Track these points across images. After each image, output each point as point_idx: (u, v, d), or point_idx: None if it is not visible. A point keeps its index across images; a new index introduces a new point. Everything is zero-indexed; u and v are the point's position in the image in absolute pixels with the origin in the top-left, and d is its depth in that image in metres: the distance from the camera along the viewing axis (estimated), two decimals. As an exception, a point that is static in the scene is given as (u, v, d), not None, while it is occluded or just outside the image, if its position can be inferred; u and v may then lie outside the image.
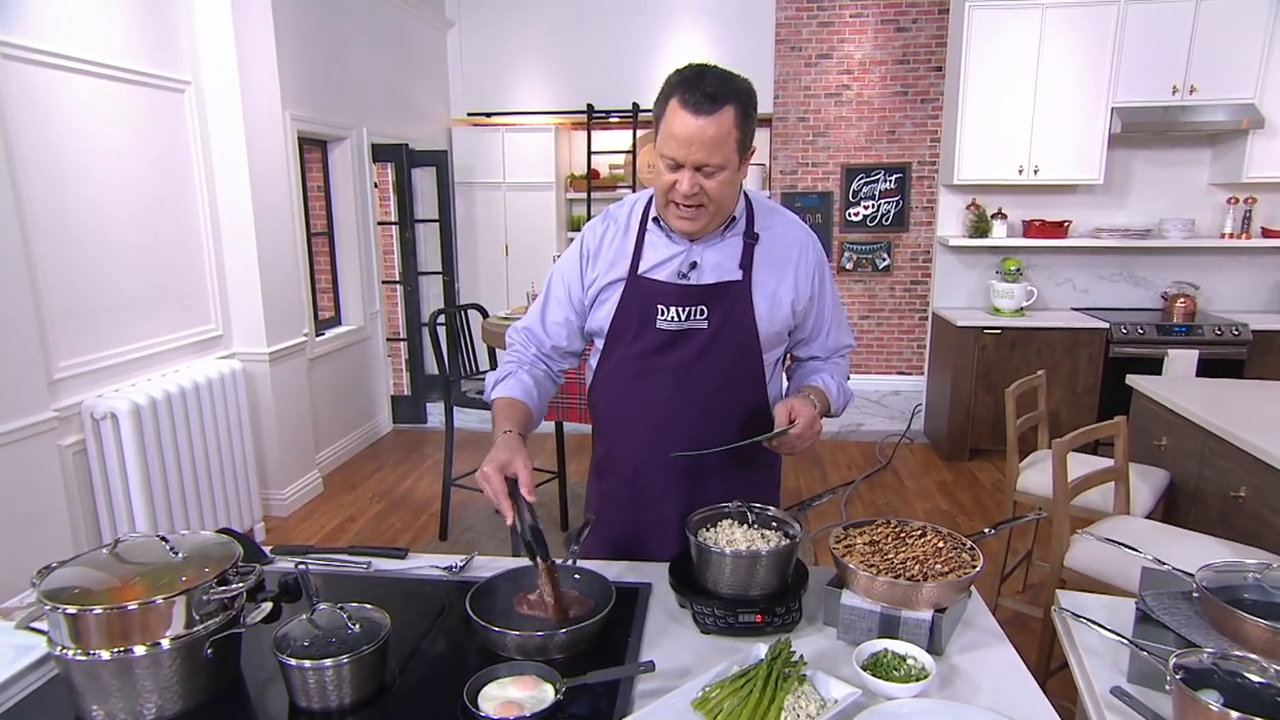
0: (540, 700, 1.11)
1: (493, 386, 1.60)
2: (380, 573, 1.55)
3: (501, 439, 1.43)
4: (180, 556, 1.15)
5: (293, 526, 3.95)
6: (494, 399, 1.57)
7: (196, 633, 1.10)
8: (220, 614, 1.14)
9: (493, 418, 1.54)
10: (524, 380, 1.59)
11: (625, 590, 1.40)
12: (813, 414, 1.46)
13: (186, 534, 1.25)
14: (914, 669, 1.17)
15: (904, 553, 1.33)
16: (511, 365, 1.62)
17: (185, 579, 1.13)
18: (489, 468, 1.35)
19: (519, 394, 1.57)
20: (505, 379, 1.59)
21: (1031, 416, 3.05)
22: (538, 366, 1.64)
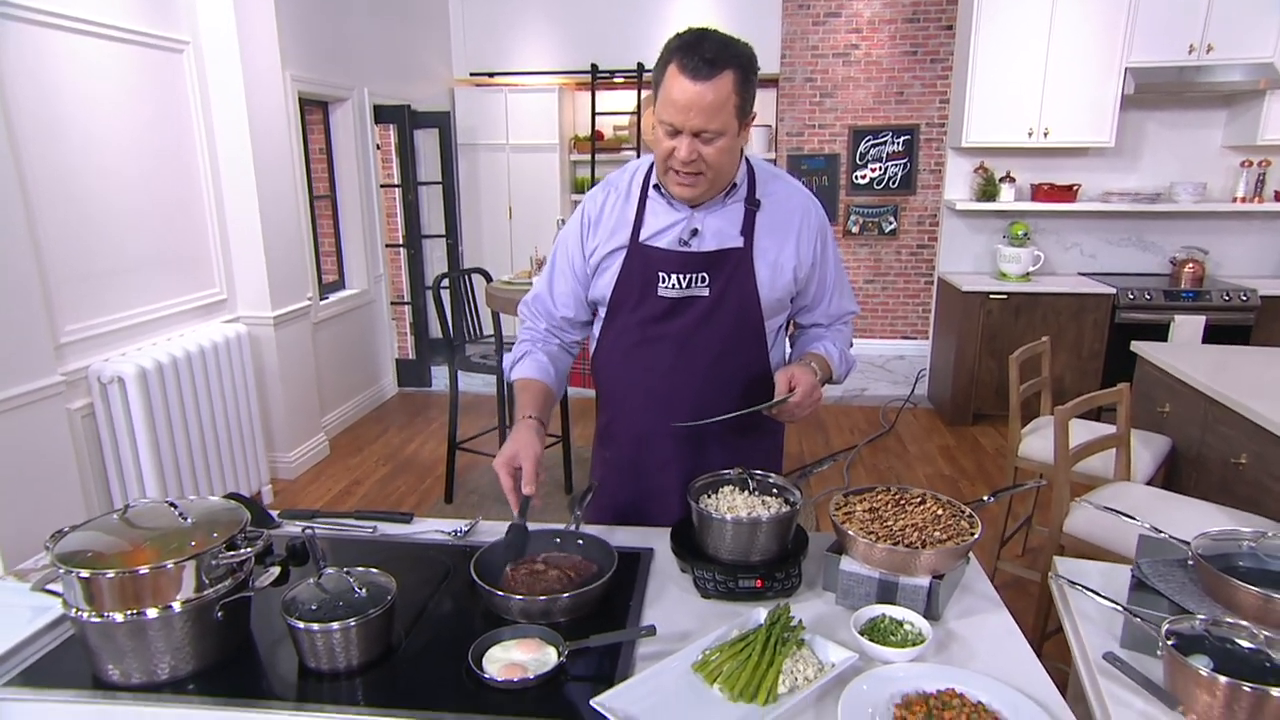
0: (543, 662, 1.14)
1: (511, 367, 1.63)
2: (386, 537, 1.57)
3: (520, 426, 1.47)
4: (189, 522, 1.17)
5: (300, 489, 3.99)
6: (513, 380, 1.61)
7: (206, 596, 1.12)
8: (229, 578, 1.16)
9: (514, 397, 1.58)
10: (539, 359, 1.61)
11: (627, 555, 1.42)
12: (812, 382, 1.47)
13: (195, 499, 1.27)
14: (910, 634, 1.19)
15: (903, 520, 1.34)
16: (527, 344, 1.64)
17: (195, 544, 1.15)
18: (499, 462, 1.39)
19: (536, 374, 1.59)
20: (522, 359, 1.61)
21: (1035, 383, 3.05)
22: (551, 342, 1.66)
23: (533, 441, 1.43)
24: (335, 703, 1.08)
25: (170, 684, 1.11)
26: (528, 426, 1.47)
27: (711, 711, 1.05)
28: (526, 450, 1.40)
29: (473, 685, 1.11)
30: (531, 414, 1.50)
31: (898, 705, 1.05)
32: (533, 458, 1.40)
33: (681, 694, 1.08)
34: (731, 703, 1.06)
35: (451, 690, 1.10)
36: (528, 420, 1.49)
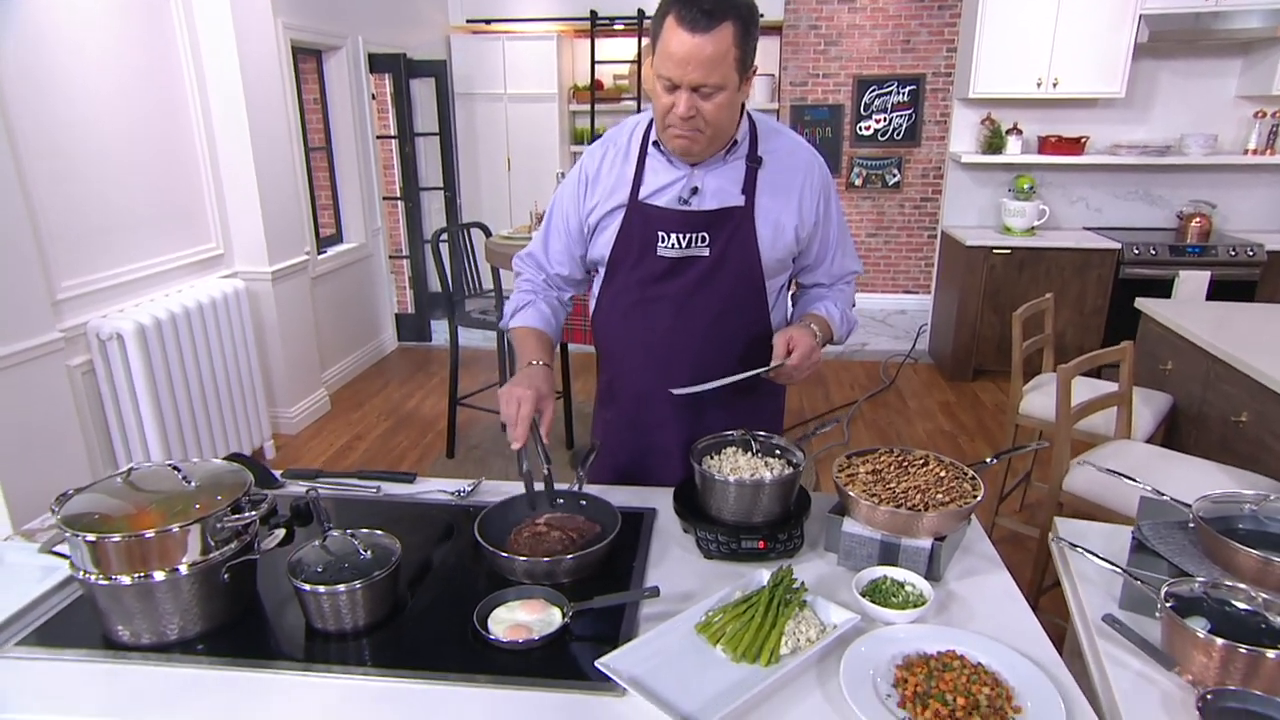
0: (548, 623, 1.15)
1: (511, 315, 1.62)
2: (389, 497, 1.58)
3: (534, 370, 1.45)
4: (193, 485, 1.17)
5: (301, 444, 4.01)
6: (514, 328, 1.59)
7: (212, 559, 1.13)
8: (235, 540, 1.17)
9: (514, 345, 1.57)
10: (542, 309, 1.60)
11: (630, 515, 1.43)
12: (811, 344, 1.45)
13: (198, 462, 1.27)
14: (912, 595, 1.20)
15: (906, 482, 1.34)
16: (528, 294, 1.63)
17: (199, 506, 1.15)
18: (522, 390, 1.37)
19: (539, 323, 1.58)
20: (524, 308, 1.60)
21: (1037, 340, 3.04)
22: (550, 294, 1.65)
23: (550, 386, 1.43)
24: (342, 663, 1.09)
25: (179, 644, 1.12)
26: (545, 372, 1.46)
27: (714, 672, 1.06)
28: (551, 397, 1.40)
29: (478, 646, 1.12)
30: (544, 360, 1.49)
31: (898, 666, 1.06)
32: (551, 405, 1.41)
33: (685, 655, 1.09)
34: (734, 663, 1.08)
35: (457, 651, 1.11)
36: (540, 366, 1.47)
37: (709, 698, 1.01)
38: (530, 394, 1.37)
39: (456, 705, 1.02)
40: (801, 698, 1.03)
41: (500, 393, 1.40)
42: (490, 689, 1.04)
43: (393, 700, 1.03)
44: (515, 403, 1.37)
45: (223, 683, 1.06)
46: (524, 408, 1.36)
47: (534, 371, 1.45)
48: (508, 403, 1.37)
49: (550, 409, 1.41)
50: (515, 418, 1.36)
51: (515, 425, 1.36)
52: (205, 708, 1.02)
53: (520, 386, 1.38)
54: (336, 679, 1.06)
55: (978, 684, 1.00)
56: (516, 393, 1.37)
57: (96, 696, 1.04)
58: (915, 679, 1.01)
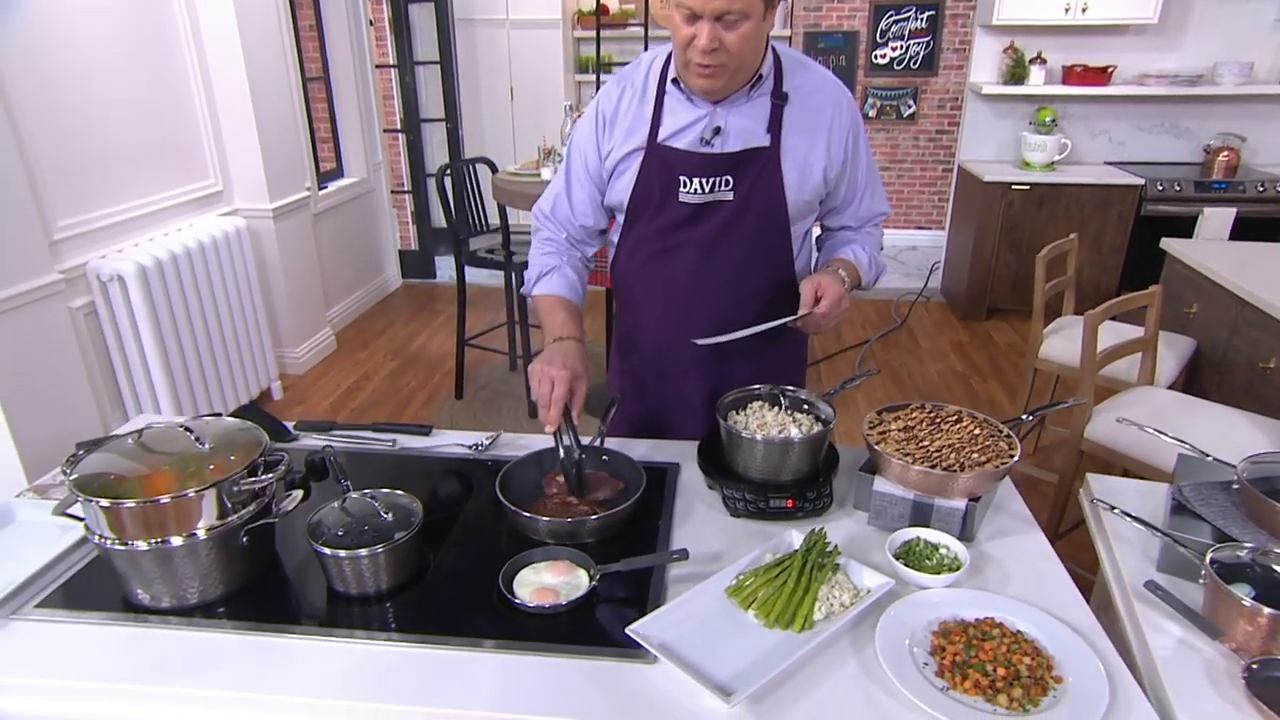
0: (575, 586, 1.13)
1: (535, 280, 1.53)
2: (405, 451, 1.54)
3: (566, 346, 1.38)
4: (207, 446, 1.13)
5: (309, 385, 3.99)
6: (539, 296, 1.51)
7: (230, 522, 1.10)
8: (252, 502, 1.13)
9: (540, 314, 1.49)
10: (569, 276, 1.52)
11: (653, 470, 1.40)
12: (840, 291, 1.39)
13: (209, 420, 1.23)
14: (946, 558, 1.17)
15: (939, 440, 1.30)
16: (552, 257, 1.53)
17: (214, 468, 1.12)
18: (556, 370, 1.30)
19: (566, 291, 1.50)
20: (549, 274, 1.51)
21: (1059, 282, 2.97)
22: (574, 255, 1.56)
23: (585, 364, 1.36)
24: (366, 628, 1.07)
25: (200, 608, 1.10)
26: (575, 348, 1.38)
27: (746, 639, 1.04)
28: (588, 379, 1.34)
29: (504, 610, 1.10)
30: (575, 334, 1.42)
31: (935, 633, 1.04)
32: (586, 386, 1.34)
33: (716, 620, 1.07)
34: (767, 629, 1.05)
35: (483, 615, 1.09)
36: (572, 342, 1.40)
37: (741, 666, 0.99)
38: (564, 374, 1.30)
39: (483, 671, 1.00)
40: (836, 666, 1.01)
41: (532, 370, 1.33)
42: (518, 655, 1.02)
43: (418, 666, 1.01)
44: (549, 382, 1.30)
45: (246, 648, 1.04)
46: (558, 389, 1.29)
47: (567, 348, 1.37)
48: (540, 381, 1.31)
49: (584, 390, 1.35)
50: (549, 399, 1.30)
51: (549, 407, 1.30)
52: (230, 674, 1.00)
53: (554, 365, 1.31)
54: (361, 644, 1.04)
55: (1018, 653, 0.98)
56: (550, 372, 1.30)
57: (121, 662, 1.02)
58: (954, 648, 0.99)
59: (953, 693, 0.95)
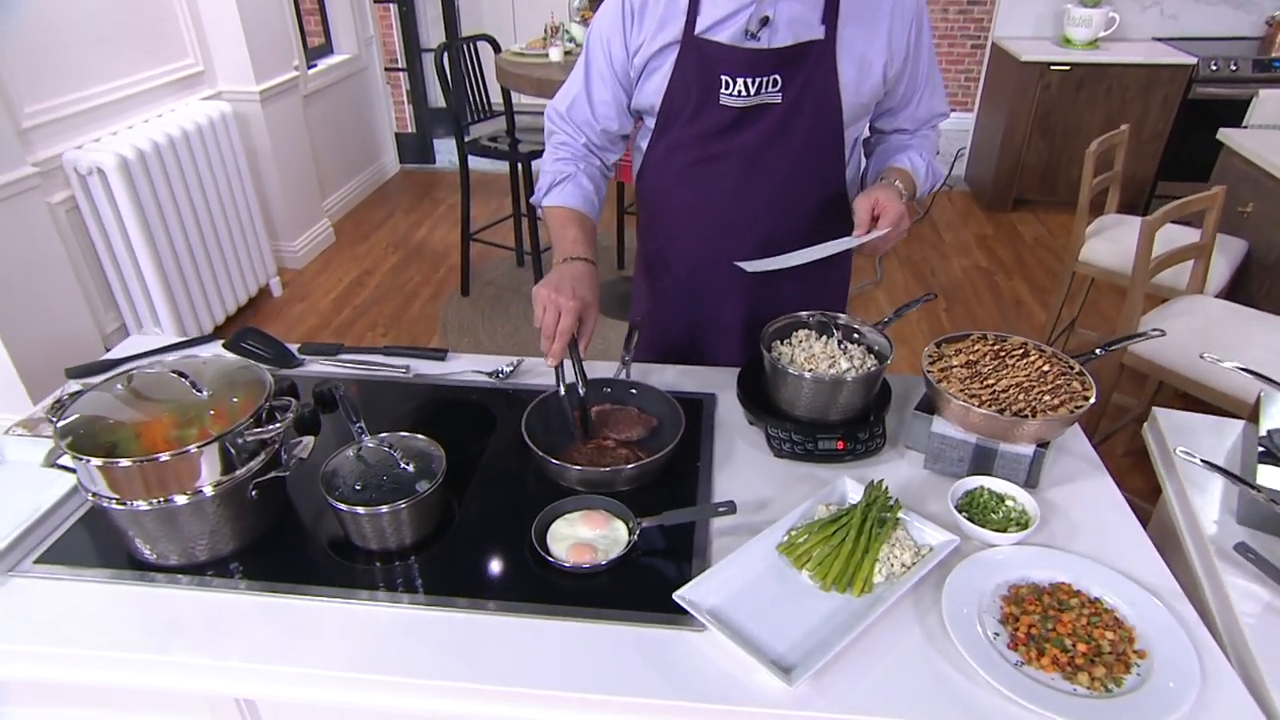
0: (614, 540, 1.05)
1: (547, 189, 1.36)
2: (421, 379, 1.43)
3: (575, 269, 1.22)
4: (205, 394, 1.02)
5: (309, 280, 3.84)
6: (549, 207, 1.35)
7: (238, 476, 1.00)
8: (260, 452, 1.03)
9: (550, 227, 1.34)
10: (584, 186, 1.35)
11: (687, 403, 1.30)
12: (900, 209, 1.24)
13: (205, 361, 1.11)
14: (1013, 512, 1.08)
15: (1006, 378, 1.19)
16: (567, 164, 1.36)
17: (214, 414, 1.01)
18: (564, 298, 1.16)
19: (580, 203, 1.34)
20: (563, 183, 1.34)
21: (1105, 178, 2.78)
22: (592, 163, 1.39)
23: (594, 291, 1.23)
24: (390, 588, 1.00)
25: (212, 564, 1.03)
26: (584, 271, 1.24)
27: (801, 603, 0.97)
28: (591, 305, 1.20)
29: (538, 567, 1.02)
30: (585, 255, 1.28)
31: (1004, 598, 0.96)
32: (595, 316, 1.21)
33: (767, 581, 0.99)
34: (823, 592, 0.98)
35: (517, 574, 1.02)
36: (582, 263, 1.25)
37: (798, 635, 0.92)
38: (572, 304, 1.16)
39: (517, 638, 0.93)
40: (899, 634, 0.94)
41: (535, 293, 1.19)
42: (555, 620, 0.95)
43: (447, 632, 0.94)
44: (555, 311, 1.16)
45: (263, 611, 0.97)
46: (564, 320, 1.16)
47: (576, 271, 1.22)
48: (545, 309, 1.16)
49: (593, 320, 1.21)
50: (553, 330, 1.16)
51: (551, 339, 1.16)
52: (247, 642, 0.93)
53: (561, 293, 1.16)
54: (384, 608, 0.97)
55: (1099, 627, 0.90)
56: (557, 300, 1.16)
57: (131, 628, 0.95)
58: (1029, 619, 0.91)
59: (1027, 669, 0.88)
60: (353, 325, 3.46)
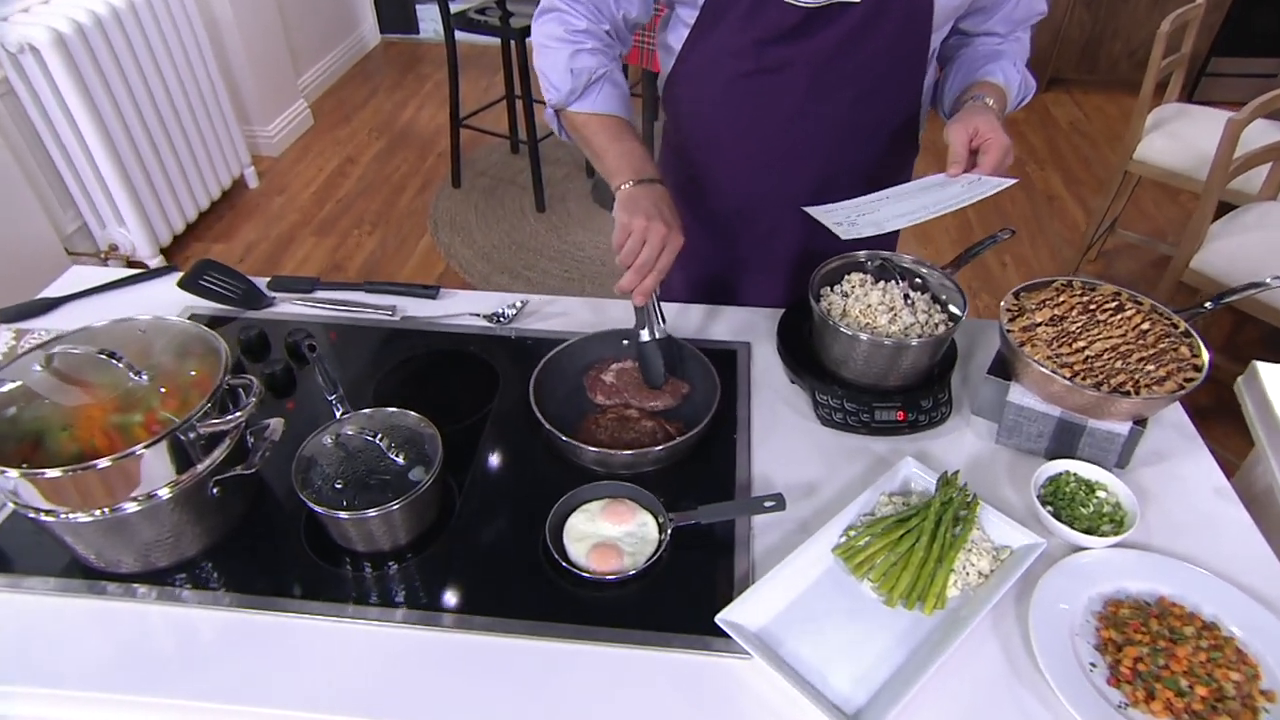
0: (641, 539, 0.90)
1: (581, 92, 1.07)
2: (410, 321, 1.24)
3: (659, 193, 0.99)
4: (145, 379, 0.84)
5: (287, 169, 3.55)
6: (588, 114, 1.08)
7: (196, 474, 0.84)
8: (220, 444, 0.86)
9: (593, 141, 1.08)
10: (622, 86, 1.10)
11: (718, 354, 1.12)
12: (1005, 143, 1.02)
13: (146, 326, 0.91)
14: (1105, 505, 0.93)
15: (1099, 340, 1.01)
16: (595, 57, 1.06)
17: (165, 391, 0.84)
18: (660, 225, 0.94)
19: (625, 111, 1.09)
20: (600, 83, 1.07)
21: (1170, 62, 2.47)
22: (616, 55, 1.11)
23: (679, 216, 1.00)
24: (384, 601, 0.85)
25: (173, 570, 0.88)
26: (665, 194, 1.01)
27: (863, 623, 0.83)
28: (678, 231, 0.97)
29: (553, 572, 0.88)
30: (658, 175, 1.03)
31: (1099, 616, 0.83)
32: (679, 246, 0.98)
33: (823, 593, 0.85)
34: (888, 608, 0.84)
35: (529, 585, 0.87)
36: (660, 186, 1.01)
37: (861, 665, 0.79)
38: (663, 232, 0.95)
39: (528, 664, 0.80)
40: (975, 658, 0.81)
41: (626, 223, 0.96)
42: (575, 643, 0.81)
43: (448, 658, 0.81)
44: (656, 245, 0.95)
45: (232, 631, 0.83)
46: (666, 255, 0.95)
47: (659, 195, 0.99)
48: (640, 239, 0.95)
49: (677, 248, 0.99)
50: (650, 264, 0.95)
51: (642, 275, 0.96)
52: (216, 676, 0.79)
53: (654, 219, 0.95)
54: (374, 626, 0.83)
55: (1221, 664, 0.77)
56: (653, 229, 0.94)
57: (81, 652, 0.81)
58: (1135, 650, 0.78)
59: (1133, 712, 0.75)
60: (337, 222, 3.21)
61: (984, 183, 1.04)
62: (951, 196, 1.04)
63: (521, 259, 3.04)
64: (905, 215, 1.04)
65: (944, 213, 1.04)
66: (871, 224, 1.04)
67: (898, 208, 1.06)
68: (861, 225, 1.04)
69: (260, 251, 3.03)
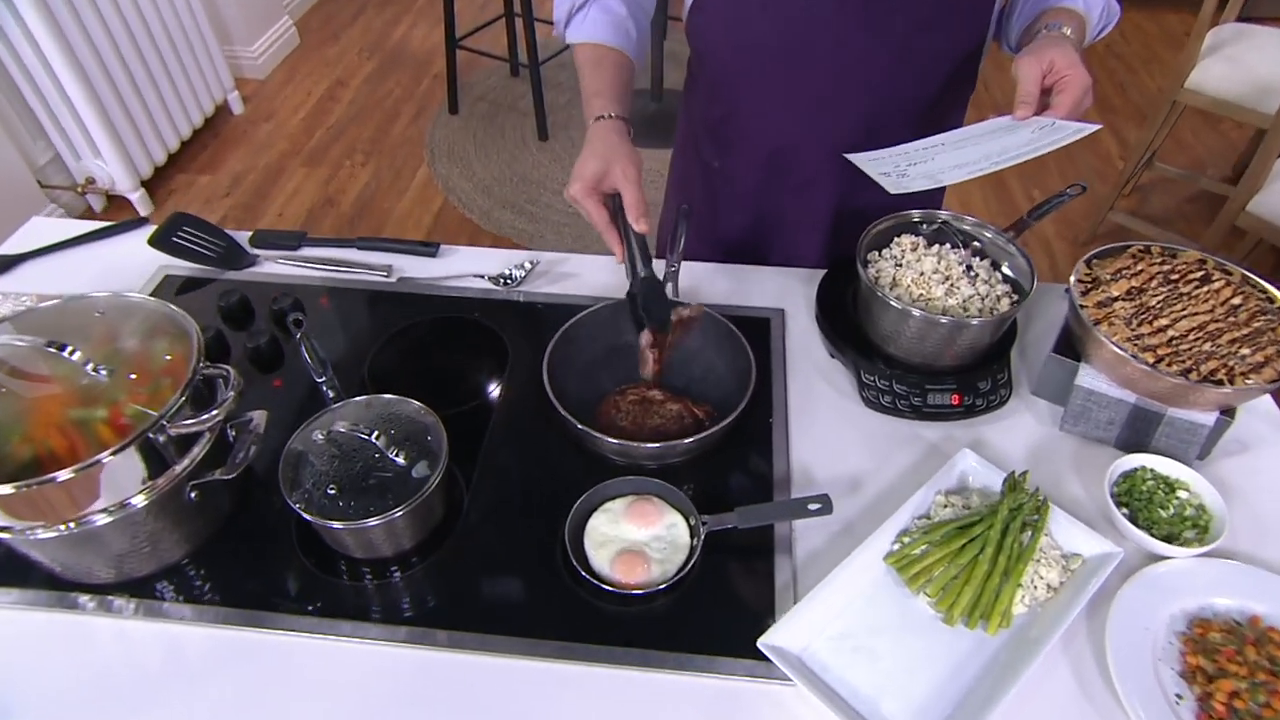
0: (670, 543, 0.81)
1: (566, 21, 1.02)
2: (408, 284, 1.13)
3: (593, 131, 0.93)
4: (103, 374, 0.73)
5: (274, 93, 3.34)
6: (575, 42, 1.01)
7: (175, 474, 0.74)
8: (196, 445, 0.76)
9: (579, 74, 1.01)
10: (616, 12, 0.99)
11: (749, 324, 1.02)
12: (1085, 81, 0.89)
13: (105, 307, 0.80)
14: (1188, 508, 0.84)
15: (1184, 318, 0.89)
16: None
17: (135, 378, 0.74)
18: (577, 189, 0.89)
19: (611, 37, 0.99)
20: (584, 8, 0.99)
21: (1232, -22, 2.26)
22: None
23: (627, 149, 0.92)
24: (386, 619, 0.77)
25: (153, 579, 0.79)
26: (610, 129, 0.93)
27: (920, 642, 0.75)
28: (622, 164, 0.89)
29: (572, 582, 0.79)
30: (614, 111, 0.95)
31: (1184, 637, 0.74)
32: (636, 176, 0.90)
33: (874, 607, 0.77)
34: (947, 626, 0.76)
35: (544, 596, 0.79)
36: (610, 122, 0.94)
37: (920, 695, 0.71)
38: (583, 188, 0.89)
39: (551, 688, 0.72)
40: (1045, 682, 0.73)
41: (570, 196, 0.91)
42: (599, 666, 0.74)
43: (457, 682, 0.73)
44: (577, 205, 0.91)
45: (219, 650, 0.75)
46: (591, 211, 0.90)
47: (593, 137, 0.93)
48: (587, 211, 0.91)
49: (628, 181, 0.89)
50: (600, 224, 0.90)
51: (601, 232, 0.89)
52: (207, 702, 0.72)
53: (576, 185, 0.89)
54: (374, 646, 0.75)
55: (1328, 701, 0.69)
56: (572, 193, 0.90)
57: (55, 676, 0.73)
58: (1230, 684, 0.69)
59: (1225, 753, 0.67)
60: (328, 151, 3.04)
61: (1058, 129, 0.91)
62: (1020, 145, 0.91)
63: (524, 192, 2.88)
64: (964, 166, 0.91)
65: (1009, 165, 0.91)
66: (924, 176, 0.92)
67: (954, 157, 0.93)
68: (913, 177, 0.92)
69: (248, 184, 2.87)
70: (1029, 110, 0.88)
